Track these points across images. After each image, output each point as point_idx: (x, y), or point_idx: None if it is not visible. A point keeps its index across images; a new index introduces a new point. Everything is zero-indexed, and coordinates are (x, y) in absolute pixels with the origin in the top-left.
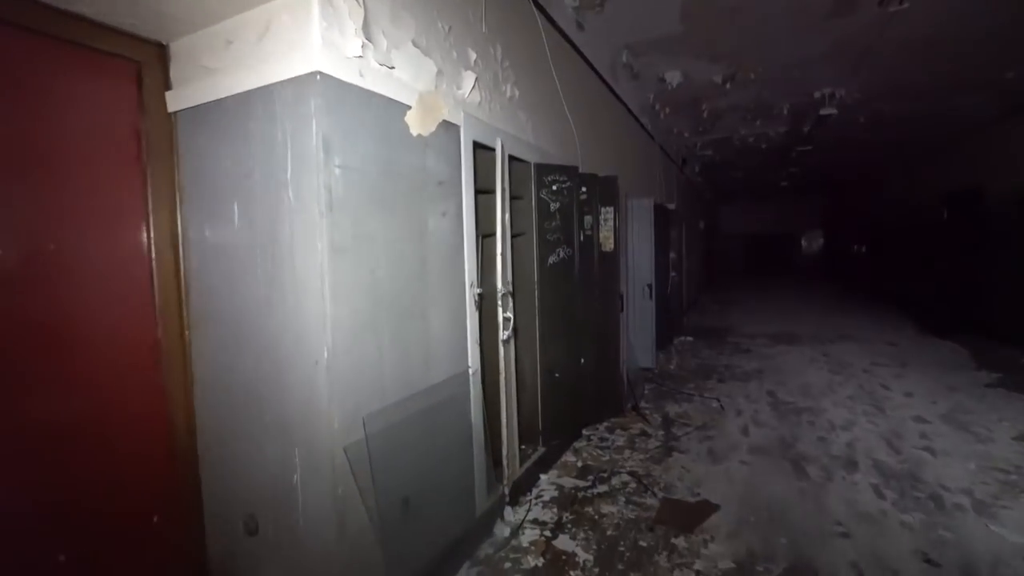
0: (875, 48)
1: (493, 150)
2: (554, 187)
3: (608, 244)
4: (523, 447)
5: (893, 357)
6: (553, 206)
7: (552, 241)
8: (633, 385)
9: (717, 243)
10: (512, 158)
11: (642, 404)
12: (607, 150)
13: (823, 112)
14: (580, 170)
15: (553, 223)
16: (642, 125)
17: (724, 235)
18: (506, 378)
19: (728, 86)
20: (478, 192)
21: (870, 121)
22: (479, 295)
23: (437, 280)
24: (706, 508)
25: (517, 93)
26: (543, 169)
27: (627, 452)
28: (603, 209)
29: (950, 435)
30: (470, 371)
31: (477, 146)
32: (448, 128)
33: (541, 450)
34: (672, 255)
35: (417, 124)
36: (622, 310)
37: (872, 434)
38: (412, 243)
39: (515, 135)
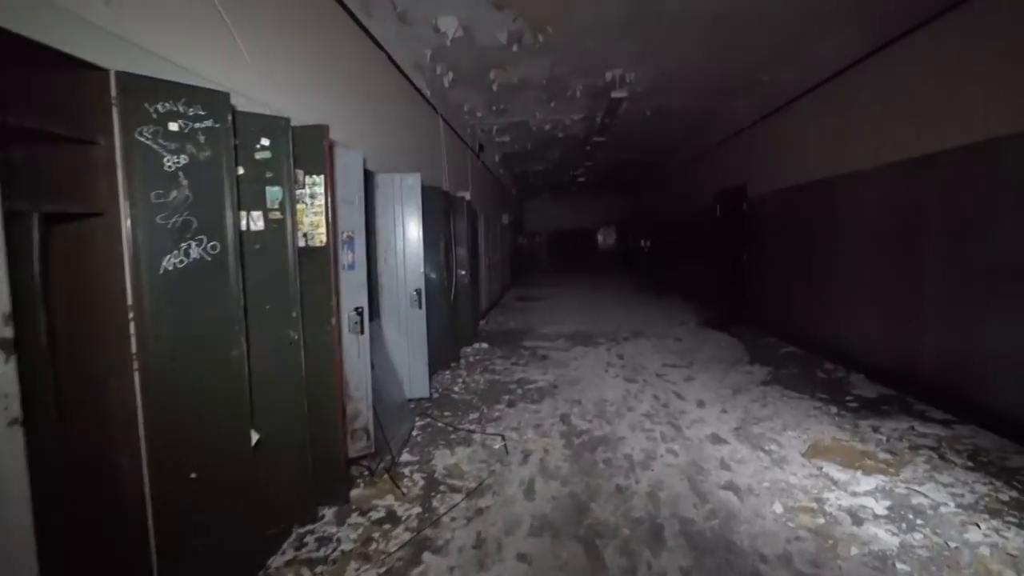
0: (667, 16)
1: None
2: (173, 126)
3: (319, 235)
4: None
5: (681, 355)
6: (173, 161)
7: (173, 228)
8: (389, 433)
9: (523, 239)
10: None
11: (403, 458)
12: (344, 104)
13: (615, 95)
14: (269, 114)
15: (174, 194)
16: (418, 89)
17: (530, 231)
18: None
19: (516, 49)
20: None
21: (656, 115)
22: None
23: None
24: None
25: None
26: (144, 87)
27: (353, 565)
28: (308, 179)
29: (748, 459)
30: None
31: None
32: None
33: None
34: (461, 251)
35: None
36: (361, 332)
37: (674, 472)
38: None
39: None
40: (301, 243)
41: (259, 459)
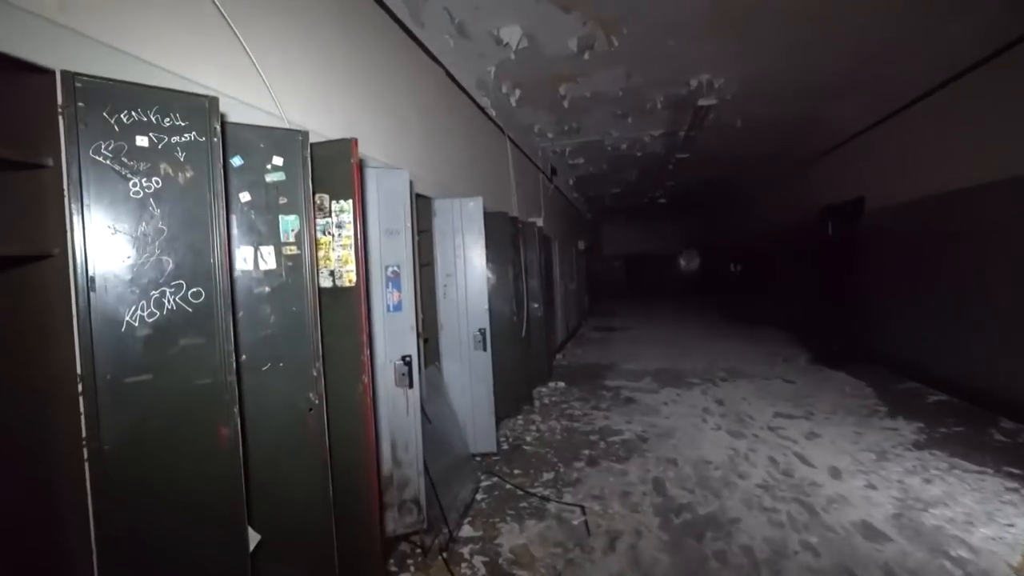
0: (763, 8)
1: None
2: (142, 141)
3: (347, 273)
4: None
5: (796, 402)
6: (141, 186)
7: (140, 271)
8: (448, 499)
9: (599, 265)
10: None
11: (463, 532)
12: (388, 122)
13: (702, 103)
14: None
15: (142, 227)
16: (482, 109)
17: (607, 256)
18: None
19: (587, 57)
20: None
21: (748, 125)
22: None
23: None
24: None
25: None
26: (101, 91)
27: None
28: (334, 206)
29: (928, 570)
30: None
31: None
32: None
33: None
34: (533, 282)
35: None
36: (410, 386)
37: None
38: None
39: None
40: (327, 283)
41: (262, 565)
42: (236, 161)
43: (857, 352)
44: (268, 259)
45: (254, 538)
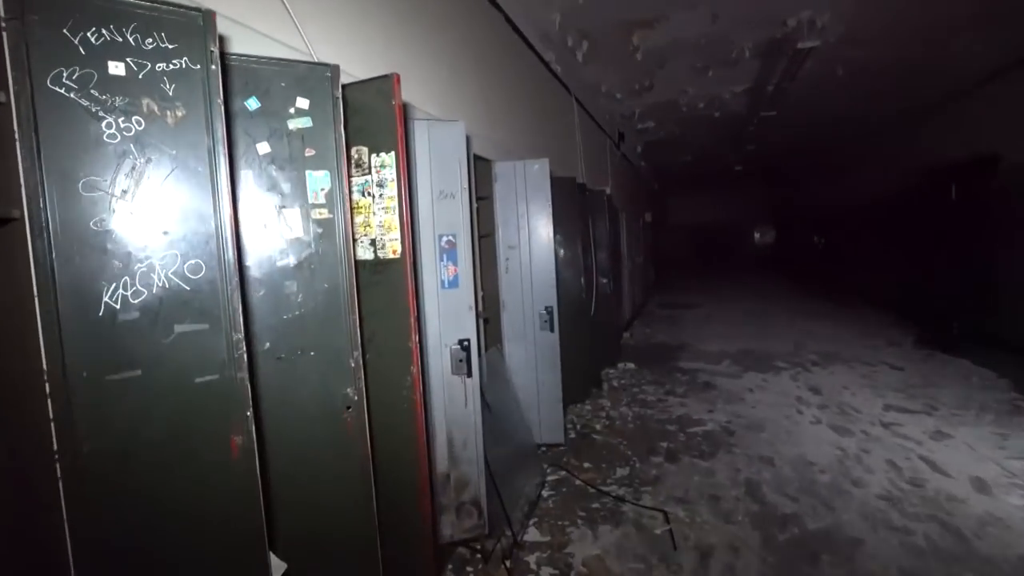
0: None
1: None
2: (117, 67)
3: (391, 242)
4: None
5: (911, 393)
6: (117, 127)
7: (122, 232)
8: (511, 496)
9: (665, 237)
10: None
11: (528, 536)
12: (442, 69)
13: (801, 46)
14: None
15: (122, 180)
16: (546, 64)
17: (672, 228)
18: None
19: None
20: None
21: (851, 74)
22: None
23: None
24: None
25: None
26: (59, 1)
27: None
28: (375, 160)
29: None
30: None
31: None
32: None
33: None
34: (601, 255)
35: None
36: (469, 374)
37: None
38: None
39: None
40: (367, 254)
41: None
42: (251, 104)
43: (982, 335)
44: (293, 224)
45: (279, 567)
